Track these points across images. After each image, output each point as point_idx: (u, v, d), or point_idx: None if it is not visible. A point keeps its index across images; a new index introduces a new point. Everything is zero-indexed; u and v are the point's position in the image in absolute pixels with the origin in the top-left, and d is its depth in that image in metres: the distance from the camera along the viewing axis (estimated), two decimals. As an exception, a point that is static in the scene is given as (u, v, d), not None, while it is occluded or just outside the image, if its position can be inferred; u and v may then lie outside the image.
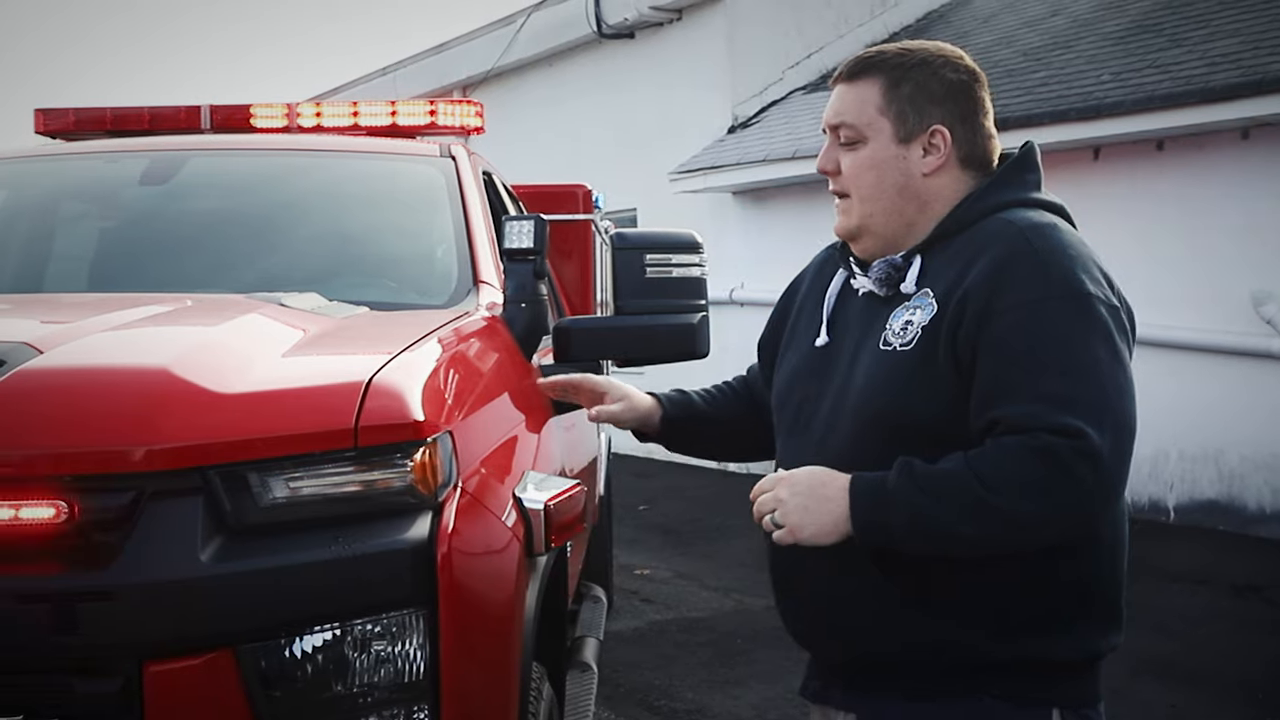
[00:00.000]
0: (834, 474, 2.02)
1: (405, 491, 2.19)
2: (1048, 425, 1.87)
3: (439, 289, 3.49)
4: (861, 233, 2.18)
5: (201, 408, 2.12)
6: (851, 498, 1.98)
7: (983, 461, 1.91)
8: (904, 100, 2.12)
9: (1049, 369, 1.91)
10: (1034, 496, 1.88)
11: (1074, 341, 1.93)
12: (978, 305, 1.97)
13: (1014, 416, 1.90)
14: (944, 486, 1.92)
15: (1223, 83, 7.79)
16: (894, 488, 1.95)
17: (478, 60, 15.34)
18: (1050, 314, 1.94)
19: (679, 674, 5.92)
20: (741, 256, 11.92)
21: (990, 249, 2.01)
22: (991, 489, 1.88)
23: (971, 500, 1.90)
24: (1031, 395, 1.90)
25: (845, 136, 2.15)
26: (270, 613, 2.07)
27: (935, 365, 2.00)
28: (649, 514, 10.04)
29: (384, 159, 4.24)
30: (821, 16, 12.73)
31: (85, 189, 4.16)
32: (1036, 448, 1.87)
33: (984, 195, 2.12)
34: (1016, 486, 1.88)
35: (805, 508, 2.00)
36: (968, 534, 1.92)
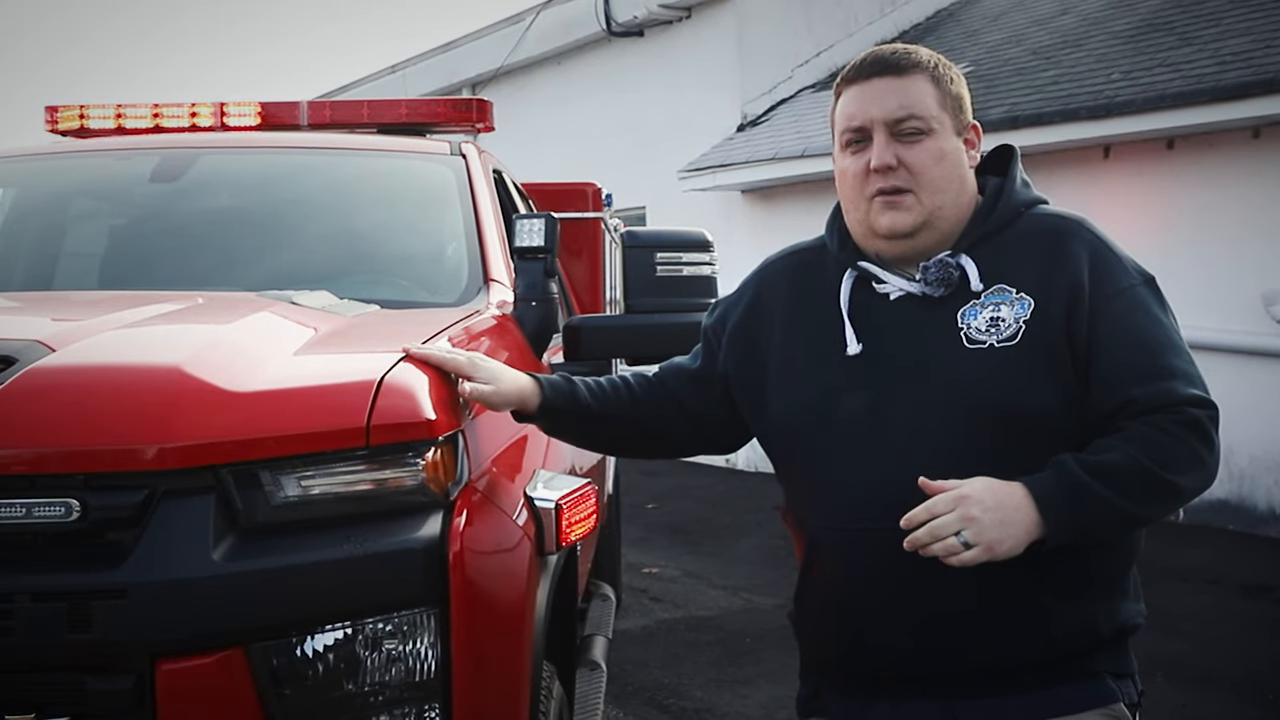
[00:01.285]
0: (1005, 483, 1.97)
1: (417, 490, 2.19)
2: (1186, 399, 2.00)
3: (450, 287, 3.49)
4: (925, 227, 2.14)
5: (213, 406, 2.12)
6: (1038, 503, 1.96)
7: (1145, 445, 1.97)
8: (951, 96, 2.16)
9: (1164, 349, 2.04)
10: (1199, 466, 2.00)
11: (1166, 321, 2.09)
12: (1087, 295, 2.04)
13: (1152, 395, 1.99)
14: (1127, 473, 1.96)
15: (1233, 81, 7.77)
16: (1082, 484, 1.96)
17: (487, 58, 15.34)
18: (1143, 298, 2.08)
19: (687, 673, 5.92)
20: (750, 255, 11.81)
21: (1066, 241, 2.10)
22: (1165, 467, 1.97)
23: (1152, 482, 1.97)
24: (1159, 373, 2.01)
25: (913, 128, 2.12)
26: (282, 611, 2.07)
27: (1052, 356, 2.03)
28: (657, 512, 10.04)
29: (395, 157, 4.24)
30: (831, 15, 12.72)
31: (96, 187, 4.16)
32: (1186, 421, 1.99)
33: (1014, 194, 2.18)
34: (1185, 460, 1.98)
35: (1002, 521, 1.94)
36: (1152, 513, 2.02)
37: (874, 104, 2.13)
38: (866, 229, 2.19)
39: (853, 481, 2.13)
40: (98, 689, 2.02)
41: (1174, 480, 1.98)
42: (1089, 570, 2.08)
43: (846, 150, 2.19)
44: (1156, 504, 2.01)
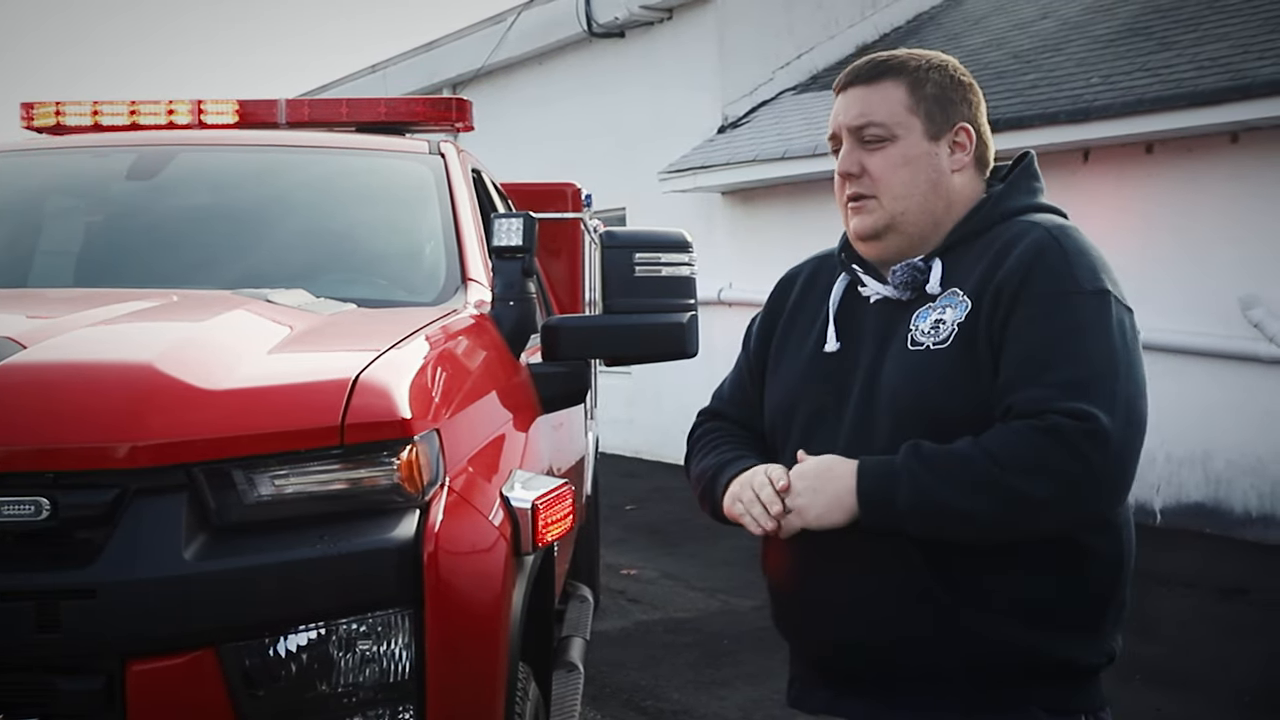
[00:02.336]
0: (845, 460, 2.03)
1: (392, 490, 2.18)
2: (1058, 408, 1.90)
3: (427, 286, 3.48)
4: (888, 231, 2.16)
5: (186, 404, 2.11)
6: (858, 476, 1.99)
7: (991, 440, 1.92)
8: (930, 99, 2.15)
9: (1066, 358, 1.94)
10: (1040, 475, 1.89)
11: (1093, 333, 1.96)
12: (1008, 296, 2.00)
13: (1027, 400, 1.92)
14: (950, 463, 1.93)
15: (1212, 86, 7.80)
16: (900, 465, 1.96)
17: (468, 58, 15.31)
18: (1073, 306, 1.98)
19: (665, 674, 5.91)
20: (730, 257, 11.92)
21: (1018, 245, 2.04)
22: (999, 465, 1.90)
23: (978, 477, 1.91)
24: (1046, 381, 1.93)
25: (872, 136, 2.14)
26: (254, 612, 2.06)
27: (975, 359, 2.01)
28: (636, 514, 10.03)
29: (373, 155, 4.22)
30: (812, 17, 12.73)
31: (72, 183, 4.13)
32: (1044, 427, 1.89)
33: (1002, 199, 2.16)
34: (1024, 464, 1.89)
35: (813, 489, 2.01)
36: (972, 511, 1.92)
37: (841, 112, 2.19)
38: (849, 233, 2.23)
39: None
40: (67, 689, 2.00)
41: (1012, 484, 1.89)
42: (1027, 590, 2.01)
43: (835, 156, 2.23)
44: (981, 503, 1.91)
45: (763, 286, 11.30)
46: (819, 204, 11.08)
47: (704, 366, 11.66)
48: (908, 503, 1.94)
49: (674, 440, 14.12)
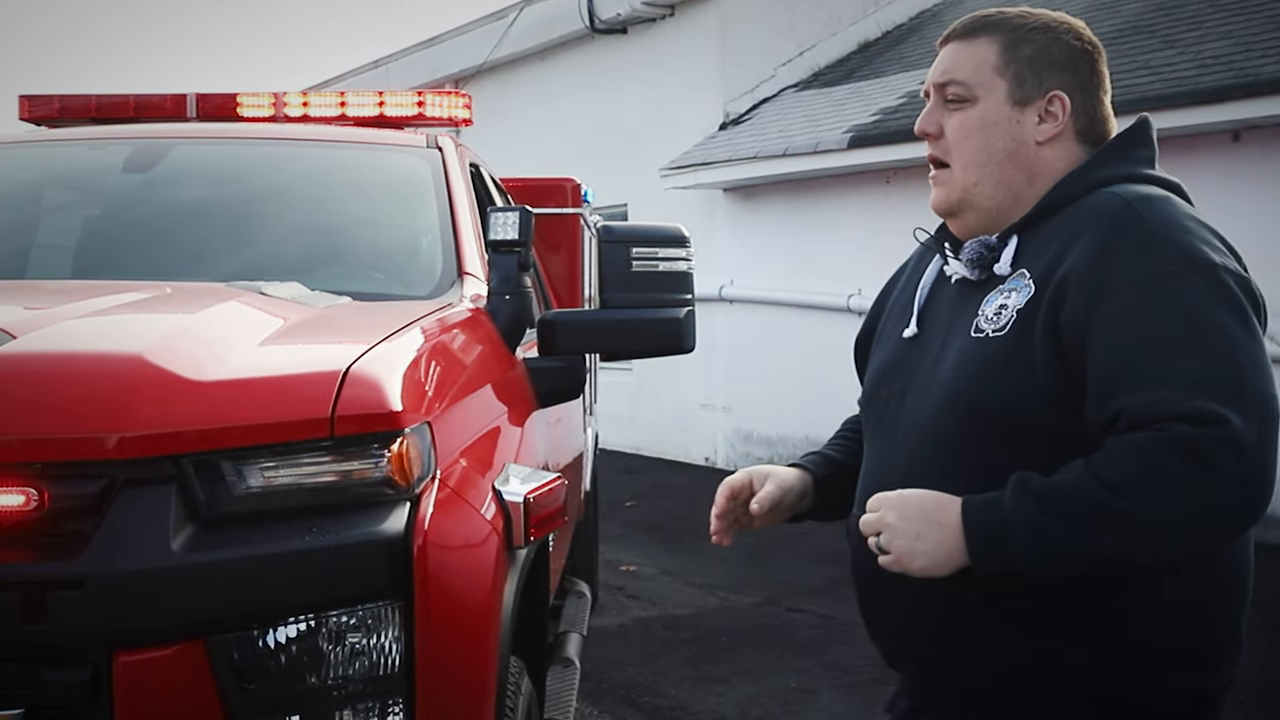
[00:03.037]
0: (947, 500, 1.80)
1: (382, 482, 2.17)
2: (1179, 412, 1.65)
3: (423, 280, 3.47)
4: (962, 207, 1.99)
5: (175, 395, 2.10)
6: (965, 527, 1.77)
7: (1107, 464, 1.69)
8: (1023, 62, 1.96)
9: (1176, 348, 1.69)
10: (1173, 498, 1.66)
11: (1202, 315, 1.71)
12: (1086, 285, 1.77)
13: (1139, 406, 1.68)
14: (1066, 500, 1.71)
15: (1213, 85, 7.78)
16: (1010, 510, 1.73)
17: (470, 54, 15.29)
18: (1171, 289, 1.73)
19: (662, 671, 5.90)
20: (731, 253, 11.91)
21: (1095, 223, 1.83)
22: (1121, 494, 1.67)
23: (1101, 512, 1.68)
24: (1157, 379, 1.68)
25: (953, 94, 1.98)
26: (242, 603, 2.05)
27: (1031, 352, 1.80)
28: (635, 510, 10.02)
29: (370, 149, 4.21)
30: (814, 14, 12.71)
31: (68, 176, 4.12)
32: (1168, 440, 1.65)
33: (1088, 170, 1.94)
34: (1151, 488, 1.66)
35: (918, 535, 1.79)
36: (1098, 550, 1.71)
37: (933, 68, 2.04)
38: None
39: (867, 467, 2.08)
40: (54, 680, 1.99)
41: (1139, 513, 1.67)
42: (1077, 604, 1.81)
43: None
44: (1107, 539, 1.69)
45: (763, 283, 11.33)
46: (820, 201, 11.07)
47: (704, 363, 11.76)
48: (1029, 555, 1.72)
49: (673, 437, 14.10)
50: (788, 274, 11.34)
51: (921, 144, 2.07)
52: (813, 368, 10.98)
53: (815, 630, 6.50)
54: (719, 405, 12.13)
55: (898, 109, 10.22)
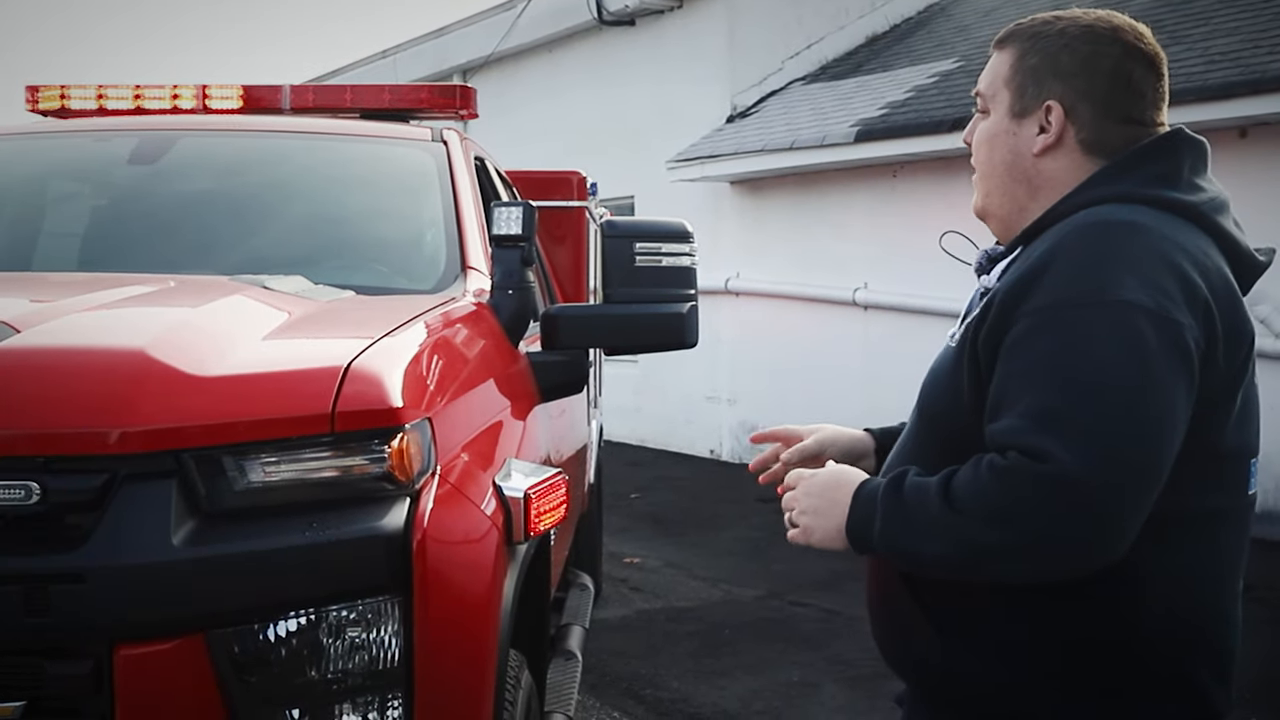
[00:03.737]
0: (848, 478, 1.88)
1: (382, 478, 2.18)
2: (1019, 444, 1.66)
3: (426, 274, 3.47)
4: (985, 214, 2.01)
5: (177, 390, 2.11)
6: (851, 503, 1.85)
7: (958, 478, 1.74)
8: (1027, 72, 1.92)
9: (1046, 383, 1.68)
10: (996, 523, 1.68)
11: (1086, 352, 1.67)
12: (1005, 308, 1.76)
13: (997, 432, 1.71)
14: (917, 502, 1.76)
15: (1221, 81, 7.76)
16: (880, 498, 1.81)
17: (477, 45, 15.29)
18: (1069, 321, 1.69)
19: (665, 664, 5.91)
20: (737, 246, 11.91)
21: (1044, 246, 1.79)
22: (956, 509, 1.71)
23: (936, 521, 1.73)
24: (1019, 410, 1.69)
25: (979, 105, 2.00)
26: (243, 598, 2.06)
27: (961, 365, 1.83)
28: (640, 502, 10.03)
29: (375, 142, 4.21)
30: (822, 8, 12.69)
31: (74, 168, 4.13)
32: (1003, 468, 1.68)
33: (1084, 187, 1.87)
34: (979, 509, 1.69)
35: (816, 510, 1.89)
36: (929, 556, 1.76)
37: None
38: None
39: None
40: (55, 674, 2.01)
41: (968, 531, 1.70)
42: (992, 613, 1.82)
43: None
44: (951, 551, 1.72)
45: (769, 276, 11.31)
46: (826, 194, 11.06)
47: (710, 356, 11.77)
48: (880, 544, 1.81)
49: (679, 429, 14.11)
50: (793, 267, 11.34)
51: (927, 138, 2.14)
52: (818, 361, 10.99)
53: (818, 624, 6.51)
54: (724, 398, 12.14)
55: (905, 103, 10.20)
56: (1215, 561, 1.85)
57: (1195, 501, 1.79)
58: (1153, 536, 1.72)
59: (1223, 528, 1.86)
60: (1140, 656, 1.79)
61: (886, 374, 9.76)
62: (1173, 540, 1.77)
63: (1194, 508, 1.79)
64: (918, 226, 9.26)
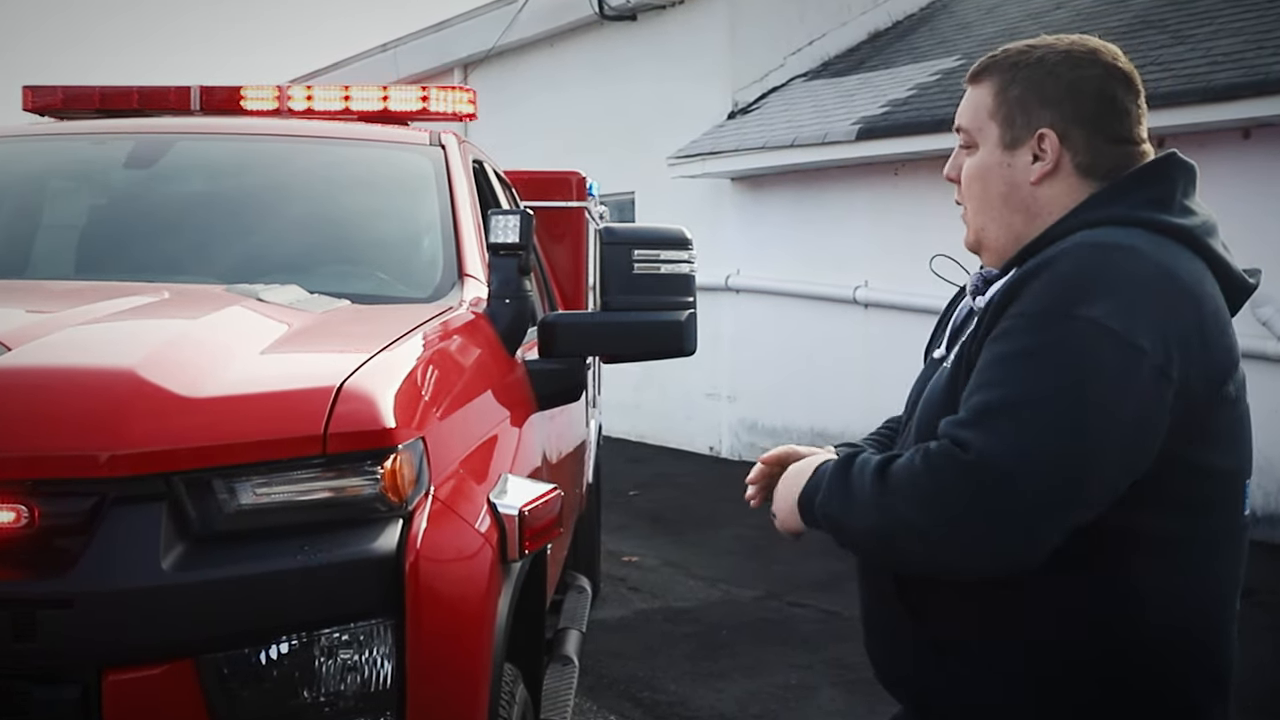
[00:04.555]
0: (818, 459, 1.97)
1: (375, 499, 2.16)
2: (951, 434, 1.71)
3: (423, 282, 3.45)
4: (979, 247, 2.01)
5: (167, 412, 2.09)
6: (808, 478, 1.93)
7: (898, 462, 1.78)
8: (1013, 102, 1.93)
9: (991, 382, 1.72)
10: (915, 504, 1.71)
11: (1038, 359, 1.70)
12: (992, 318, 1.80)
13: (942, 423, 1.77)
14: (859, 476, 1.82)
15: (1225, 82, 7.74)
16: (831, 470, 1.89)
17: (478, 39, 15.24)
18: (1033, 329, 1.72)
19: (662, 665, 5.90)
20: (738, 243, 11.88)
21: (1035, 265, 1.80)
22: (888, 487, 1.75)
23: (868, 495, 1.78)
24: (966, 405, 1.74)
25: (962, 140, 2.00)
26: (233, 622, 2.04)
27: (957, 381, 1.85)
28: (639, 500, 10.02)
29: (373, 146, 4.19)
30: (824, 3, 12.64)
31: (70, 170, 4.11)
32: (932, 453, 1.72)
33: (1079, 210, 1.89)
34: (905, 489, 1.73)
35: (784, 494, 1.98)
36: (856, 526, 1.81)
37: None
38: None
39: None
40: (43, 698, 1.99)
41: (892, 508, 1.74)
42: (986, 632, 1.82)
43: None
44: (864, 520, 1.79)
45: (770, 273, 11.29)
46: (827, 192, 11.03)
47: (710, 352, 11.74)
48: (821, 511, 1.88)
49: (679, 426, 14.09)
50: (794, 265, 11.31)
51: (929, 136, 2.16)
52: (819, 359, 10.97)
53: (816, 625, 6.50)
54: (724, 395, 12.13)
55: (907, 100, 10.17)
56: (1212, 582, 1.86)
57: (1189, 524, 1.80)
58: (1149, 559, 1.76)
59: (1219, 549, 1.86)
60: (1138, 678, 1.79)
61: (886, 372, 9.73)
62: (1169, 562, 1.79)
63: (1189, 530, 1.81)
64: (919, 225, 9.23)
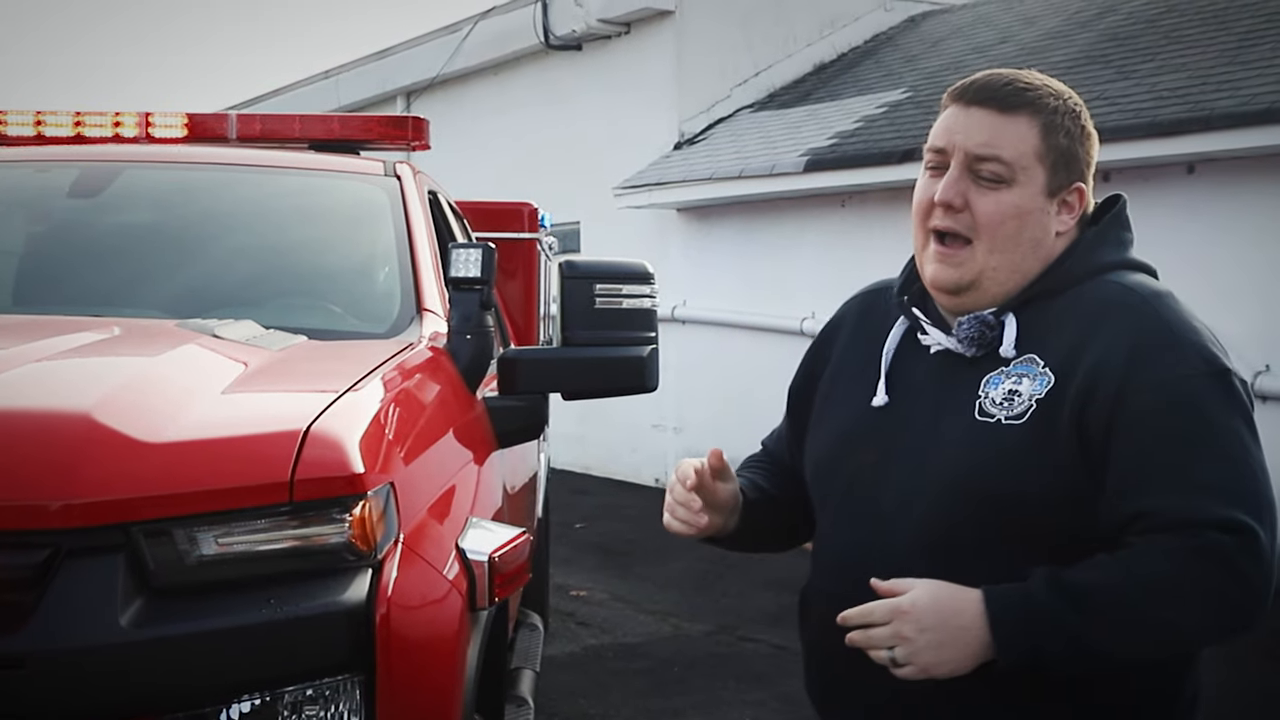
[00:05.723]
0: (960, 594, 1.76)
1: (343, 548, 2.07)
2: (1213, 520, 1.68)
3: (381, 316, 3.36)
4: (974, 287, 1.90)
5: (124, 458, 1.99)
6: (992, 624, 1.73)
7: (1141, 566, 1.70)
8: (1059, 151, 1.89)
9: (1202, 456, 1.72)
10: (1201, 604, 1.70)
11: (1220, 423, 1.74)
12: (1114, 382, 1.75)
13: (1169, 508, 1.71)
14: (1104, 602, 1.71)
15: (1170, 117, 7.81)
16: (1044, 607, 1.72)
17: (422, 67, 15.16)
18: (1193, 392, 1.74)
19: (615, 703, 5.81)
20: (684, 274, 11.84)
21: (1115, 317, 1.81)
22: (1160, 601, 1.70)
23: (1136, 616, 1.71)
24: (1186, 485, 1.71)
25: (990, 173, 1.87)
26: (195, 680, 1.95)
27: (1055, 443, 1.78)
28: (586, 532, 9.93)
29: (325, 176, 4.09)
30: (770, 35, 12.68)
31: (12, 199, 3.97)
32: (1204, 548, 1.68)
33: (1086, 252, 1.91)
34: (1188, 595, 1.69)
35: (940, 644, 1.74)
36: (1130, 652, 1.75)
37: (963, 131, 1.90)
38: (920, 268, 1.98)
39: (839, 541, 1.97)
40: None
41: (1166, 618, 1.70)
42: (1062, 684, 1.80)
43: (925, 171, 1.95)
44: (1139, 643, 1.74)
45: (716, 304, 11.26)
46: (774, 223, 11.03)
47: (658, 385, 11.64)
48: (1060, 652, 1.72)
49: (623, 457, 13.99)
50: (741, 296, 11.30)
51: (876, 169, 2.05)
52: (764, 391, 10.88)
53: (768, 660, 6.44)
54: (670, 426, 12.07)
55: (854, 133, 10.20)
56: None
57: None
58: None
59: None
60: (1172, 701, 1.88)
61: (834, 404, 9.72)
62: None
63: None
64: (866, 258, 9.24)
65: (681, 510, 2.01)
